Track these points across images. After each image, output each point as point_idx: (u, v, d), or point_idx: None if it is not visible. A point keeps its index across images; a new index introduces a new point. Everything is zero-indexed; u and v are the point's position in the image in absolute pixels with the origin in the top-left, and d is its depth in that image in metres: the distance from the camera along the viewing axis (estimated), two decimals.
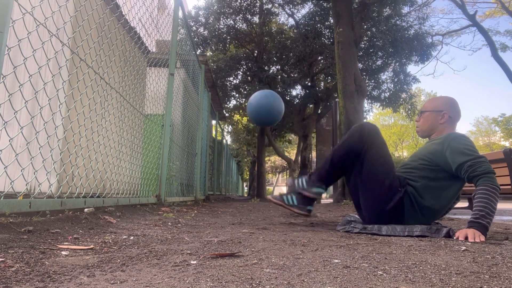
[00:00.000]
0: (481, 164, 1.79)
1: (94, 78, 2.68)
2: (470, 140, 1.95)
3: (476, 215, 1.68)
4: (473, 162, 1.81)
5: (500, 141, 35.81)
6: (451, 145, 1.90)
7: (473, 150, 1.86)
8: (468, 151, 1.85)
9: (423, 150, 2.08)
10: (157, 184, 3.51)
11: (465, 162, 1.83)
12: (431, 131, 2.17)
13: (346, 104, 7.23)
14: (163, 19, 4.13)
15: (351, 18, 7.91)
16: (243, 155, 25.49)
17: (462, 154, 1.85)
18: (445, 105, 2.13)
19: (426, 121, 2.17)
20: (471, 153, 1.84)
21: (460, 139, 1.92)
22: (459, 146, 1.88)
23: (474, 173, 1.79)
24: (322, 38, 12.91)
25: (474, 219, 1.68)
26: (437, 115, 2.13)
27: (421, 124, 2.21)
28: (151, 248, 1.21)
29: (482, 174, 1.77)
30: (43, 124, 1.94)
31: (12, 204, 1.38)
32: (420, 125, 2.22)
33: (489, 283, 0.83)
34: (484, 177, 1.76)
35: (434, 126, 2.15)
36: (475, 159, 1.82)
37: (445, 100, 2.16)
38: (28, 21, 2.11)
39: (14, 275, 0.78)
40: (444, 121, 2.11)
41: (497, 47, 14.07)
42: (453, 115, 2.12)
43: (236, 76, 14.89)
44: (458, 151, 1.87)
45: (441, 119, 2.12)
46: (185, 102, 5.69)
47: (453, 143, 1.91)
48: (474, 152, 1.85)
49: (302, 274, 0.88)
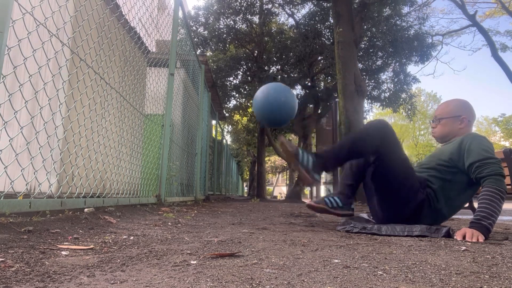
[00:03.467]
0: (489, 165, 1.77)
1: (94, 78, 2.68)
2: (488, 140, 1.92)
3: (477, 216, 1.68)
4: (482, 162, 1.79)
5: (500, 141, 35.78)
6: (469, 145, 1.88)
7: (487, 151, 1.83)
8: (483, 151, 1.83)
9: (442, 151, 2.04)
10: (157, 184, 3.50)
11: (475, 162, 1.81)
12: (450, 136, 2.12)
13: (346, 104, 7.22)
14: (163, 19, 4.13)
15: (351, 18, 7.91)
16: (243, 155, 25.49)
17: (475, 154, 1.83)
18: (462, 109, 2.10)
19: (445, 128, 2.13)
20: (484, 153, 1.82)
21: (478, 140, 1.89)
22: (475, 146, 1.86)
23: (481, 174, 1.77)
24: (322, 38, 12.92)
25: (475, 220, 1.67)
26: (456, 120, 2.10)
27: (438, 131, 2.16)
28: (151, 248, 1.21)
29: (488, 175, 1.75)
30: (43, 124, 1.94)
31: (12, 204, 1.38)
32: (437, 131, 2.17)
33: (489, 283, 0.83)
34: (490, 178, 1.74)
35: (453, 132, 2.11)
36: (485, 159, 1.79)
37: (461, 104, 2.12)
38: (28, 21, 2.11)
39: (14, 275, 0.78)
40: (463, 126, 2.08)
41: (497, 47, 14.09)
42: (471, 119, 2.09)
43: (236, 76, 14.90)
44: (473, 151, 1.85)
45: (460, 124, 2.09)
46: (185, 102, 5.69)
47: (472, 143, 1.89)
48: (487, 153, 1.82)
49: (302, 274, 0.88)
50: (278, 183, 45.64)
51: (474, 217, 1.70)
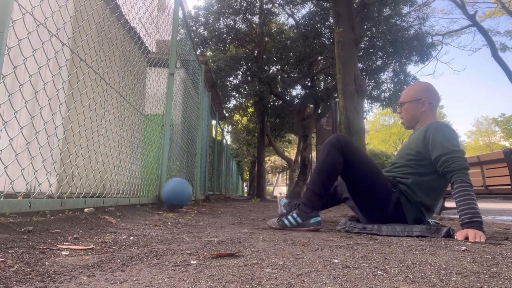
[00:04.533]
0: (455, 160, 1.79)
1: (94, 78, 2.68)
2: (452, 130, 1.93)
3: (468, 214, 1.68)
4: (448, 157, 1.81)
5: (500, 141, 35.79)
6: (432, 137, 1.90)
7: (451, 143, 1.84)
8: (447, 143, 1.84)
9: (409, 145, 2.05)
10: (157, 184, 3.50)
11: (441, 156, 1.83)
12: (414, 121, 2.13)
13: (346, 104, 7.22)
14: (163, 19, 4.13)
15: (351, 18, 7.91)
16: (243, 155, 25.48)
17: (439, 147, 1.85)
18: (422, 92, 2.10)
19: (408, 112, 2.14)
20: (449, 146, 1.83)
21: (441, 131, 1.90)
22: (438, 138, 1.87)
23: (448, 169, 1.80)
24: (322, 38, 12.92)
25: (469, 219, 1.67)
26: (417, 104, 2.09)
27: (404, 116, 2.17)
28: (151, 248, 1.21)
29: (456, 170, 1.78)
30: (43, 124, 1.94)
31: (12, 204, 1.38)
32: (403, 116, 2.18)
33: (489, 283, 0.83)
34: (458, 173, 1.77)
35: (416, 116, 2.11)
36: (450, 153, 1.81)
37: (422, 87, 2.12)
38: (28, 21, 2.11)
39: (14, 275, 0.78)
40: (425, 109, 2.08)
41: (497, 47, 14.08)
42: (432, 101, 2.09)
43: (236, 76, 14.90)
44: (437, 143, 1.86)
45: (422, 107, 2.08)
46: (185, 102, 5.69)
47: (435, 134, 1.89)
48: (452, 146, 1.83)
49: (302, 274, 0.88)
50: (278, 183, 45.64)
51: (464, 215, 1.69)
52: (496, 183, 4.08)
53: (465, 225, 1.68)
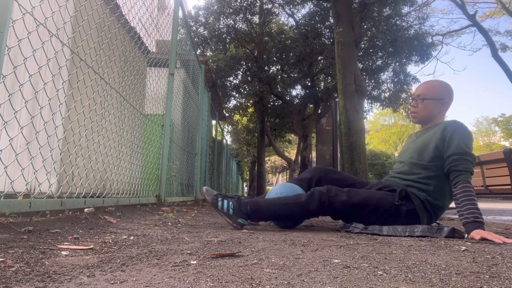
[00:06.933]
0: (465, 162, 1.81)
1: (94, 78, 2.68)
2: (470, 133, 1.94)
3: (474, 213, 1.69)
4: (460, 157, 1.82)
5: (500, 141, 35.80)
6: (451, 135, 1.89)
7: (467, 145, 1.86)
8: (463, 145, 1.85)
9: (423, 146, 2.01)
10: (157, 184, 3.50)
11: (453, 155, 1.84)
12: (429, 119, 2.10)
13: (346, 104, 7.22)
14: (163, 19, 4.13)
15: (351, 18, 7.91)
16: (243, 155, 25.48)
17: (455, 147, 1.86)
18: (446, 93, 2.07)
19: (426, 109, 2.07)
20: (464, 147, 1.85)
21: (461, 131, 1.90)
22: (456, 137, 1.88)
23: (457, 168, 1.81)
24: (322, 38, 12.90)
25: (475, 218, 1.67)
26: (438, 103, 2.06)
27: (420, 110, 2.10)
28: (151, 248, 1.21)
29: (464, 171, 1.79)
30: (43, 124, 1.94)
31: (12, 204, 1.38)
32: (418, 111, 2.10)
33: (489, 283, 0.83)
34: (465, 174, 1.79)
35: (433, 115, 2.08)
36: (463, 154, 1.83)
37: (446, 87, 2.08)
38: (28, 21, 2.11)
39: (14, 275, 0.78)
40: (443, 110, 2.07)
41: (497, 47, 14.08)
42: (450, 103, 2.09)
43: (236, 76, 14.89)
44: (454, 142, 1.87)
45: (441, 107, 2.06)
46: (185, 102, 5.69)
47: (454, 133, 1.89)
48: (467, 148, 1.85)
49: (302, 274, 0.88)
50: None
51: (470, 214, 1.69)
52: (496, 183, 4.08)
53: (470, 223, 1.68)
